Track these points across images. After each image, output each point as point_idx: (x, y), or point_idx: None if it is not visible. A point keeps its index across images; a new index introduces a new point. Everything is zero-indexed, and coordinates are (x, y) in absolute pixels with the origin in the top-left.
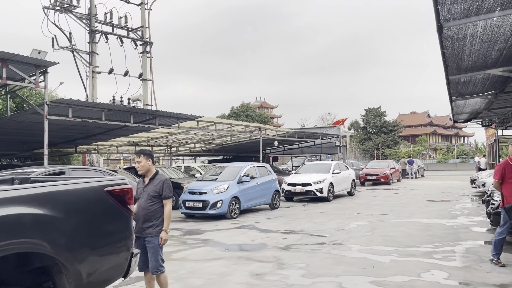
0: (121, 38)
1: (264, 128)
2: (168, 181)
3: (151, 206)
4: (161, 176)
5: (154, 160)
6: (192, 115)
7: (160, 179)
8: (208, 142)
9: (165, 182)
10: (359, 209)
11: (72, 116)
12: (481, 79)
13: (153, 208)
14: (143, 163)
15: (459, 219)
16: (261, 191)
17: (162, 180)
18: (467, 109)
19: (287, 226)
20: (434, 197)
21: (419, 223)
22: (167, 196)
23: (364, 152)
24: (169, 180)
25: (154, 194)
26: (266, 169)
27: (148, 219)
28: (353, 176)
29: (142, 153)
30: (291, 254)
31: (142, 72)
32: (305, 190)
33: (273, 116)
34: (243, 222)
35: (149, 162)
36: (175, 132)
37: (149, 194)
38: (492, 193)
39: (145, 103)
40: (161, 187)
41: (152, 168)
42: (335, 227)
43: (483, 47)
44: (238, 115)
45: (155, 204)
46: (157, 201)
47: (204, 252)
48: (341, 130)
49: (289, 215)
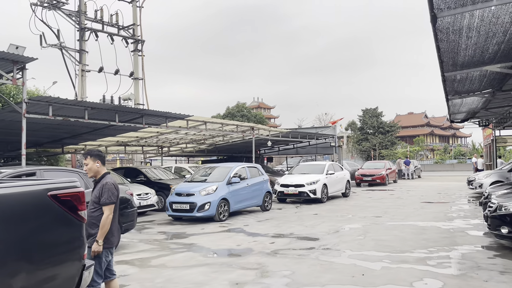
0: (111, 35)
1: (257, 128)
2: (109, 185)
3: (93, 213)
4: (106, 179)
5: (104, 161)
6: (181, 114)
7: (103, 182)
8: (200, 142)
9: (105, 186)
10: (353, 211)
11: (53, 114)
12: (478, 76)
13: (95, 215)
14: (90, 165)
15: (455, 222)
16: (252, 193)
17: (103, 184)
18: (464, 108)
19: (276, 229)
20: (430, 199)
21: (414, 226)
22: (105, 202)
23: (361, 153)
24: (111, 184)
25: (95, 199)
26: (257, 169)
27: (90, 226)
28: (347, 177)
29: (89, 154)
30: (277, 260)
31: (134, 70)
32: (298, 191)
33: (270, 116)
34: (231, 225)
35: (97, 164)
36: (165, 131)
37: (91, 199)
38: (490, 195)
39: (137, 102)
40: (101, 191)
41: (101, 170)
42: (326, 230)
43: (480, 40)
44: (234, 115)
45: (97, 210)
46: (99, 208)
47: (186, 258)
48: (337, 130)
49: (280, 217)
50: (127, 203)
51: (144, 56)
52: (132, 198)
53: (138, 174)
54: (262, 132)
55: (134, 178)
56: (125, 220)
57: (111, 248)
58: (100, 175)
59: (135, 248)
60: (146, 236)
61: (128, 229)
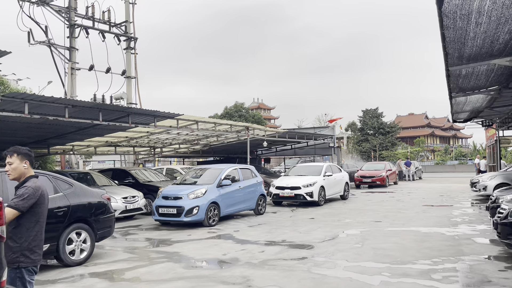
0: (103, 32)
1: (252, 127)
2: (29, 190)
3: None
4: (29, 183)
5: (33, 161)
6: (170, 113)
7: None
8: (193, 143)
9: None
10: (351, 215)
11: (29, 112)
12: (485, 71)
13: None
14: (16, 165)
15: (460, 228)
16: (244, 196)
17: (24, 187)
18: (468, 107)
19: (268, 235)
20: (432, 201)
21: (416, 232)
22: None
23: (361, 154)
24: (32, 188)
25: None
26: (251, 171)
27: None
28: (346, 179)
29: (15, 152)
30: (265, 272)
31: (126, 69)
32: (294, 194)
33: (270, 117)
34: (221, 231)
35: (25, 165)
36: (155, 131)
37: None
38: (497, 199)
39: (129, 102)
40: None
41: (28, 172)
42: (321, 237)
43: (491, 28)
44: (232, 115)
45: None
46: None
47: (164, 270)
48: (336, 131)
49: (273, 222)
50: (103, 208)
51: (137, 54)
52: (109, 202)
53: (126, 176)
54: (258, 132)
55: (122, 180)
56: (101, 227)
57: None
58: (24, 178)
59: (112, 257)
60: (128, 243)
61: (104, 237)
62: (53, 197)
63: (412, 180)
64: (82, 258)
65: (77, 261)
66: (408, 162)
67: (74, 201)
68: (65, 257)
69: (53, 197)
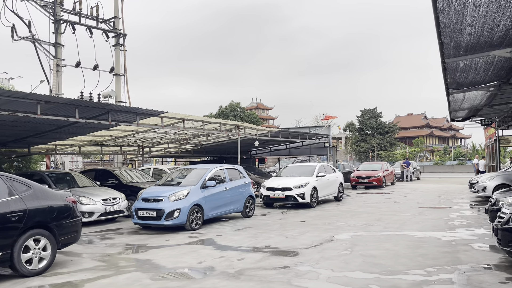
0: (90, 28)
1: (243, 126)
2: None
3: None
4: None
5: None
6: (154, 110)
7: None
8: (183, 142)
9: None
10: (344, 218)
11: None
12: (484, 64)
13: None
14: None
15: (457, 232)
16: (231, 197)
17: None
18: (466, 104)
19: (252, 241)
20: (429, 203)
21: (410, 237)
22: None
23: (359, 154)
24: None
25: None
26: (238, 172)
27: None
28: (340, 179)
29: None
30: (239, 285)
31: (115, 66)
32: (285, 195)
33: (269, 117)
34: (203, 235)
35: None
36: (141, 130)
37: None
38: (497, 201)
39: (118, 100)
40: None
41: None
42: (309, 243)
43: (490, 11)
44: (227, 114)
45: None
46: None
47: (128, 281)
48: (331, 130)
49: (261, 225)
50: (67, 212)
51: (126, 50)
52: (75, 206)
53: (109, 176)
54: (250, 131)
55: (104, 181)
56: (64, 233)
57: None
58: None
59: (77, 266)
60: (99, 249)
61: (68, 243)
62: (7, 200)
63: (410, 181)
64: (40, 268)
65: (35, 271)
66: (407, 162)
67: (32, 205)
68: (20, 267)
69: (7, 201)
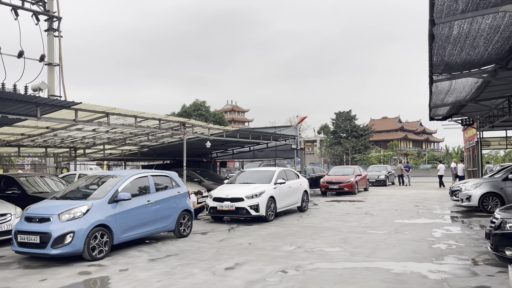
0: (15, 8)
1: (190, 124)
2: None
3: None
4: None
5: None
6: (61, 100)
7: None
8: (121, 143)
9: None
10: (301, 238)
11: None
12: (487, 30)
13: None
14: None
15: (446, 262)
16: (157, 213)
17: None
18: (451, 98)
19: (162, 281)
20: (407, 215)
21: (385, 272)
22: None
23: (334, 157)
24: None
25: None
26: (170, 179)
27: None
28: (305, 186)
29: None
30: None
31: (47, 54)
32: (234, 207)
33: (244, 120)
34: (102, 270)
35: None
36: (58, 127)
37: None
38: (505, 222)
39: (51, 94)
40: None
41: None
42: (238, 285)
43: None
44: (190, 114)
45: None
46: None
47: None
48: (298, 131)
49: (191, 250)
50: None
51: (61, 37)
52: None
53: (12, 184)
54: (201, 130)
55: (4, 191)
56: None
57: None
58: None
59: None
60: None
61: None
62: None
63: (409, 185)
64: None
65: None
66: (408, 165)
67: None
68: None
69: None
